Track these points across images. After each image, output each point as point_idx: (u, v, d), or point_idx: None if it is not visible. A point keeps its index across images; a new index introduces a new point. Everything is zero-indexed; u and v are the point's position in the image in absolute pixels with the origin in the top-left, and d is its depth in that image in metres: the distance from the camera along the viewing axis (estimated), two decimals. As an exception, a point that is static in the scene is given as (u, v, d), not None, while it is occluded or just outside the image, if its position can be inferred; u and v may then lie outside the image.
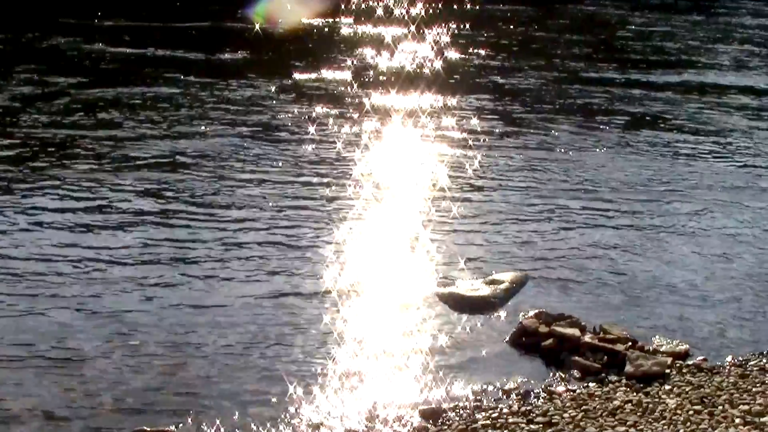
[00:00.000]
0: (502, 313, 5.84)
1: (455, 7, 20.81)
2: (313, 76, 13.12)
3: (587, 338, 5.36)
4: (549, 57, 15.67)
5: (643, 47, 17.37)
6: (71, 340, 5.20)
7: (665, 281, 6.48)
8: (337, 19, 18.55)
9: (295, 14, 18.08)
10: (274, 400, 4.67)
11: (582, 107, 11.98)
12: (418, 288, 6.16)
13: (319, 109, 11.04)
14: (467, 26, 17.81)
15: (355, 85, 12.45)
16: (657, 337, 5.54)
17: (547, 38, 17.90)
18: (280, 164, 8.78)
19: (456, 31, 17.13)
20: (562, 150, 9.77)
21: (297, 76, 13.08)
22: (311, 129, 10.05)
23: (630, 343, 5.35)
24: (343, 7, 19.84)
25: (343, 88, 12.34)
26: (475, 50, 15.39)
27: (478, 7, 21.21)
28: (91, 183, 7.94)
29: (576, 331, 5.40)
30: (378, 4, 20.64)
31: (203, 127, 9.94)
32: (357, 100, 11.59)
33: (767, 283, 6.53)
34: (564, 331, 5.41)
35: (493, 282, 6.19)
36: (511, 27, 18.69)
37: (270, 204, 7.66)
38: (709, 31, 19.78)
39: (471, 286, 6.15)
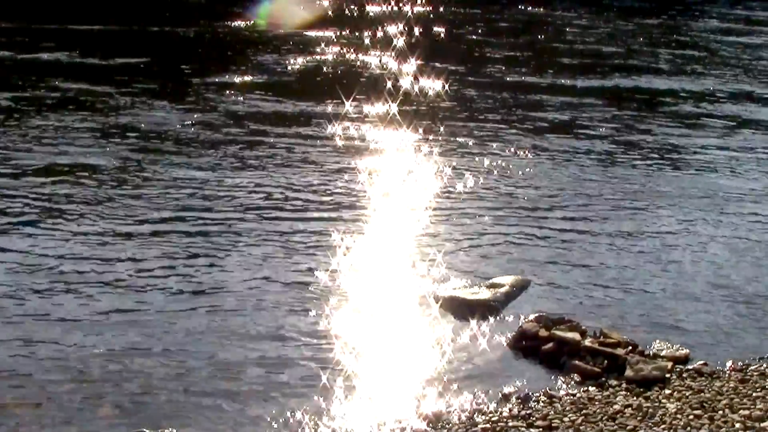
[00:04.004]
0: (503, 317, 5.84)
1: (432, 9, 20.42)
2: (214, 80, 12.69)
3: (587, 342, 5.36)
4: (477, 61, 15.26)
5: (578, 50, 17.02)
6: (67, 344, 5.19)
7: (665, 286, 6.47)
8: (248, 23, 17.85)
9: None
10: (273, 405, 4.66)
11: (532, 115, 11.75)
12: (417, 292, 6.14)
13: (208, 115, 10.64)
14: (409, 29, 17.44)
15: (265, 93, 12.09)
16: (657, 341, 5.53)
17: (483, 41, 17.39)
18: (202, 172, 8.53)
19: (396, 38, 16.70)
20: (544, 157, 9.73)
21: (203, 80, 12.69)
22: (208, 137, 9.74)
23: (630, 348, 5.34)
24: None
25: (259, 97, 11.91)
26: (401, 55, 14.93)
27: (435, 9, 20.73)
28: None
29: (576, 335, 5.40)
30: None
31: (77, 135, 9.53)
32: (260, 107, 11.33)
33: (766, 288, 6.53)
34: (564, 335, 5.41)
35: (493, 285, 6.19)
36: (443, 30, 18.16)
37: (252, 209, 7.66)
38: (657, 34, 19.37)
39: (471, 290, 6.14)
